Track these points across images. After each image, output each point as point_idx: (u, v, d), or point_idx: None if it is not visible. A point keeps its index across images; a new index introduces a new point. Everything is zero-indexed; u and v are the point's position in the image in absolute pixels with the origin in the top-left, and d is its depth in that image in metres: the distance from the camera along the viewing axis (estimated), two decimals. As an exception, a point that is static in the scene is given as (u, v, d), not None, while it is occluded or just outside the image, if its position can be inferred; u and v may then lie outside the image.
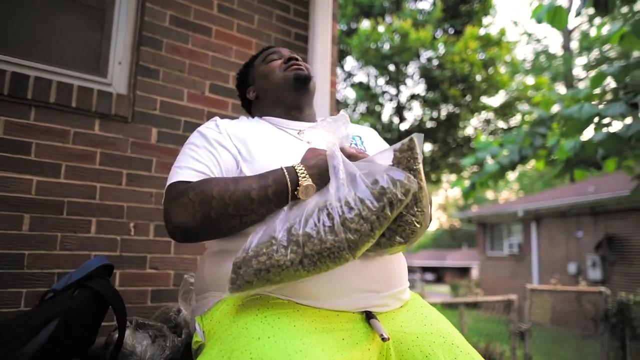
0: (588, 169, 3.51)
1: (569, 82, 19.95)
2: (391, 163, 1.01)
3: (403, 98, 9.91)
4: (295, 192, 0.98)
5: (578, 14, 4.18)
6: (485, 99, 6.97)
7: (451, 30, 6.91)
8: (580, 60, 20.79)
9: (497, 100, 7.15)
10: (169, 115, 1.98)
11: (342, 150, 1.07)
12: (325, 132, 1.12)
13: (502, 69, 6.48)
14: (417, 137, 1.01)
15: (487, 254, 14.50)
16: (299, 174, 0.99)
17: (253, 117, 1.36)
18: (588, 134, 4.43)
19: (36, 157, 1.67)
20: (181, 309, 1.33)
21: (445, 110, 7.71)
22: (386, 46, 7.48)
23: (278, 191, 0.98)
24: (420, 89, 8.82)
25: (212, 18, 2.15)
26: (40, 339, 0.82)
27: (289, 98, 1.28)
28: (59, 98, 1.71)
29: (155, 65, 1.96)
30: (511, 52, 6.93)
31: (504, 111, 7.19)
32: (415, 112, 8.86)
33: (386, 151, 1.04)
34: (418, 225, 1.02)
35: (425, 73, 6.98)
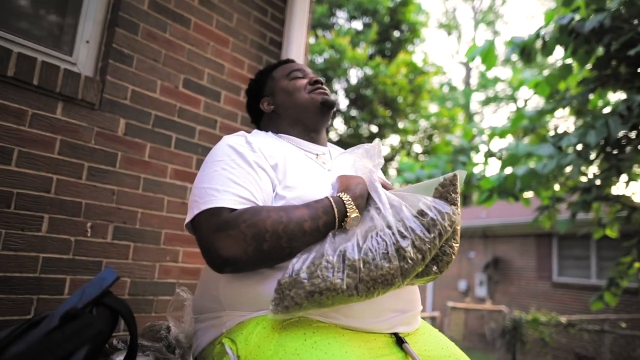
0: (507, 198, 3.91)
1: (468, 114, 21.94)
2: (433, 195, 1.04)
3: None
4: (343, 223, 0.99)
5: (507, 59, 4.64)
6: (408, 123, 7.40)
7: (387, 52, 7.25)
8: (477, 96, 22.98)
9: (418, 124, 7.66)
10: (140, 107, 1.80)
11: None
12: (361, 159, 1.13)
13: (425, 96, 6.95)
14: (460, 174, 1.06)
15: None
16: (346, 205, 0.99)
17: (266, 131, 1.31)
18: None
19: (-16, 138, 1.41)
20: (170, 326, 1.21)
21: (366, 129, 8.02)
22: (320, 59, 7.59)
23: (328, 222, 0.97)
24: (343, 105, 9.08)
25: (193, 9, 2.01)
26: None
27: (311, 120, 1.27)
28: (18, 72, 1.47)
29: (130, 50, 1.78)
30: (431, 81, 7.47)
31: (424, 135, 7.69)
32: (337, 128, 9.11)
33: (425, 184, 1.07)
34: (453, 257, 1.06)
35: (355, 91, 7.21)
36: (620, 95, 4.30)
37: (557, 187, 4.33)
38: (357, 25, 8.09)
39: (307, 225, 0.95)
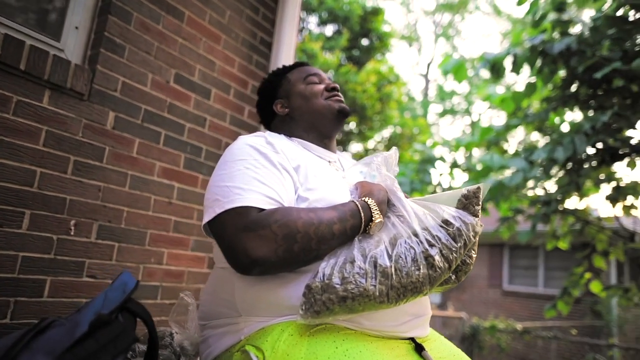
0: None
1: (426, 124, 22.52)
2: (456, 206, 1.06)
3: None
4: (368, 228, 0.99)
5: (476, 74, 4.81)
6: (375, 131, 7.52)
7: (355, 60, 7.32)
8: (434, 107, 23.69)
9: (385, 132, 7.77)
10: (130, 100, 1.71)
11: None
12: (380, 167, 1.13)
13: (393, 106, 7.07)
14: (483, 186, 1.07)
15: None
16: (372, 209, 1.00)
17: (278, 133, 1.29)
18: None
19: (-37, 124, 1.29)
20: (173, 332, 1.15)
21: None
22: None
23: (355, 226, 0.98)
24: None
25: (187, 2, 1.94)
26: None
27: (326, 127, 1.27)
28: (4, 55, 1.36)
29: (122, 40, 1.69)
30: (402, 91, 7.62)
31: (389, 144, 7.83)
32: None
33: (445, 195, 1.08)
34: (471, 267, 1.09)
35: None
36: (576, 115, 4.56)
37: (521, 199, 4.52)
38: (327, 31, 8.14)
39: (336, 227, 0.95)
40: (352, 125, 7.05)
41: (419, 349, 1.00)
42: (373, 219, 0.98)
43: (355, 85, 6.35)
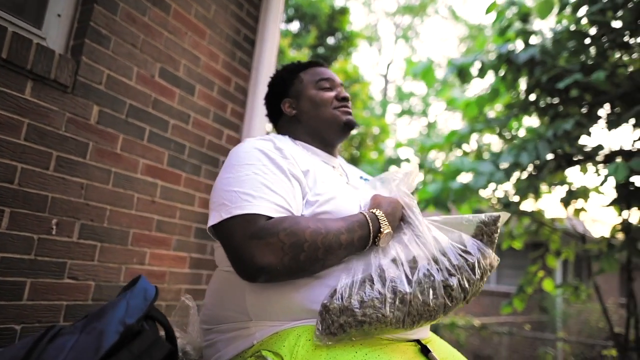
0: (442, 209, 4.17)
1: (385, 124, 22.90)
2: (474, 232, 1.05)
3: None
4: (376, 239, 1.00)
5: (445, 80, 4.96)
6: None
7: (322, 58, 7.35)
8: (392, 108, 24.11)
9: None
10: (114, 94, 1.64)
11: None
12: (400, 185, 1.12)
13: (359, 105, 7.16)
14: (503, 216, 1.08)
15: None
16: (380, 220, 1.00)
17: (283, 134, 1.28)
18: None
19: (-61, 115, 1.20)
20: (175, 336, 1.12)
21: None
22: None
23: (363, 237, 0.98)
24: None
25: (173, -6, 1.88)
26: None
27: (331, 136, 1.27)
28: (-15, 42, 1.27)
29: (108, 31, 1.61)
30: (368, 91, 7.71)
31: (353, 142, 7.91)
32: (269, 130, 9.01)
33: (463, 218, 1.08)
34: (479, 291, 1.10)
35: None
36: (534, 121, 4.80)
37: (480, 200, 4.70)
38: (293, 27, 8.10)
39: (344, 237, 0.95)
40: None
41: (424, 350, 1.02)
42: (381, 230, 0.99)
43: (323, 84, 6.38)
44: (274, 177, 1.01)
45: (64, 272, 1.47)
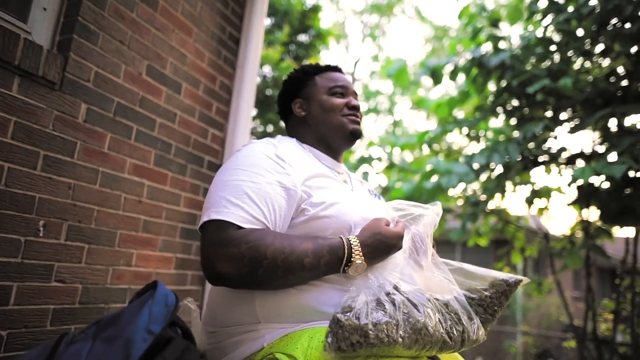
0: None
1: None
2: (493, 289, 1.08)
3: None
4: (346, 268, 0.98)
5: (418, 80, 5.05)
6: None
7: (293, 55, 7.32)
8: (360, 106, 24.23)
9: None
10: (102, 92, 1.60)
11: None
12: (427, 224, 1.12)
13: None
14: (525, 280, 1.11)
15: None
16: (354, 250, 0.98)
17: (291, 135, 1.29)
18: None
19: None
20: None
21: (270, 127, 8.01)
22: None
23: (330, 262, 0.97)
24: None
25: (161, -10, 1.85)
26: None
27: (336, 143, 1.28)
28: (-28, 37, 1.21)
29: (96, 27, 1.57)
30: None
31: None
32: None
33: (482, 271, 1.10)
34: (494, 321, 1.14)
35: (262, 91, 7.16)
36: (500, 123, 4.98)
37: (448, 199, 4.84)
38: (265, 24, 8.03)
39: (308, 261, 0.95)
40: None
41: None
42: (352, 259, 0.97)
43: (296, 82, 6.37)
44: (258, 186, 1.01)
45: (51, 275, 1.42)
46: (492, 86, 4.45)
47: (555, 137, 3.72)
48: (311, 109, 1.27)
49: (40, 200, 1.39)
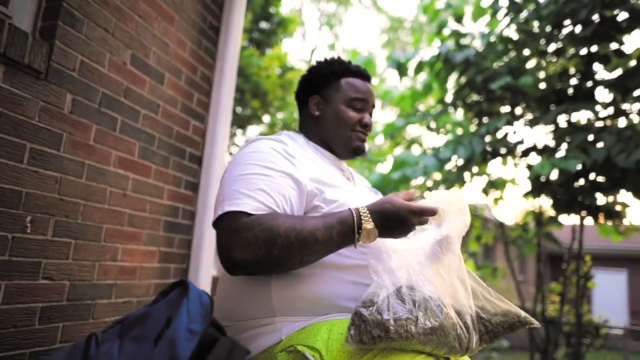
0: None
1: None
2: (502, 318, 1.12)
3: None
4: (358, 235, 0.99)
5: (382, 72, 5.12)
6: (274, 117, 7.53)
7: (255, 43, 7.21)
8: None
9: (280, 116, 7.77)
10: (87, 82, 1.54)
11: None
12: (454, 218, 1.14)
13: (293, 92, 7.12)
14: (536, 324, 1.15)
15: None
16: (362, 217, 1.00)
17: (300, 130, 1.33)
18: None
19: None
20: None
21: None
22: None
23: (342, 232, 0.99)
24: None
25: (144, -23, 1.78)
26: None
27: (338, 152, 1.30)
28: (-44, 22, 1.14)
29: (81, 13, 1.50)
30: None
31: (284, 128, 7.93)
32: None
33: (497, 297, 1.16)
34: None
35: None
36: (459, 115, 5.18)
37: (411, 188, 5.00)
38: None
39: (320, 234, 0.97)
40: (252, 109, 6.98)
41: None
42: (363, 225, 0.98)
43: (260, 70, 6.29)
44: (271, 179, 1.03)
45: (39, 272, 1.37)
46: (452, 81, 4.62)
47: (515, 132, 3.93)
48: (326, 112, 1.28)
49: (27, 195, 1.34)
